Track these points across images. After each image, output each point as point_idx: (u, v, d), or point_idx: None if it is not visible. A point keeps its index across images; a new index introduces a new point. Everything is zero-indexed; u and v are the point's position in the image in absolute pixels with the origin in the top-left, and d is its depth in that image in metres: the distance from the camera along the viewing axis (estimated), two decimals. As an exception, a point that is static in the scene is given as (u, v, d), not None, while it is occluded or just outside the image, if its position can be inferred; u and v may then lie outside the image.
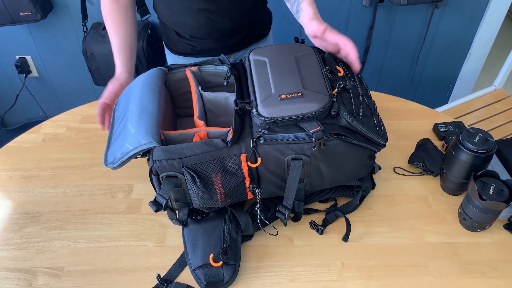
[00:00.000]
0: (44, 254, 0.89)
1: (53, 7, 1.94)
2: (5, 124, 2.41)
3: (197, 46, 1.19)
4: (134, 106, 0.86)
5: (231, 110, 0.98)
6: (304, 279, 0.85)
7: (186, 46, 1.20)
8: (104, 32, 1.88)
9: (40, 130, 1.18)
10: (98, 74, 1.93)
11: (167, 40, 1.25)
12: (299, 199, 0.90)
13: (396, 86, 2.30)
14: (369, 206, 0.98)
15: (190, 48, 1.20)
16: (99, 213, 0.97)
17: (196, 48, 1.19)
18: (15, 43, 2.07)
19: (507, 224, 0.94)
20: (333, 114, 0.81)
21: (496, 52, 2.58)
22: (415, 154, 1.07)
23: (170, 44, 1.24)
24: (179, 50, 1.22)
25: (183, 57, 1.23)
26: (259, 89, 0.85)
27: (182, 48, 1.21)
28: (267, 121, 0.80)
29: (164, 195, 0.79)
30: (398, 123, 1.18)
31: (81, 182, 1.04)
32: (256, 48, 0.97)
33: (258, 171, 0.83)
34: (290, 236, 0.92)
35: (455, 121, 1.17)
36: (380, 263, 0.87)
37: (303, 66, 0.89)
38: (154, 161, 0.79)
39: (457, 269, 0.86)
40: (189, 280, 0.84)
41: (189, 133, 0.84)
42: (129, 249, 0.90)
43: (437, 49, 2.14)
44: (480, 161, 0.90)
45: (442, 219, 0.95)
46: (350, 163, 0.87)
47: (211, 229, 0.88)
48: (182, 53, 1.22)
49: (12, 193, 1.02)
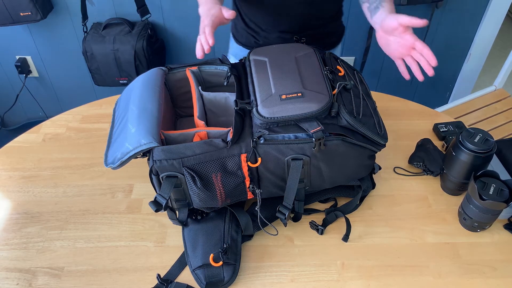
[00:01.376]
0: (44, 254, 0.89)
1: (53, 7, 1.94)
2: (5, 124, 2.41)
3: (260, 40, 1.20)
4: (134, 106, 0.86)
5: (231, 110, 0.98)
6: (304, 279, 0.85)
7: (250, 38, 1.21)
8: (104, 32, 1.88)
9: (40, 130, 1.18)
10: (98, 74, 1.93)
11: (234, 29, 1.27)
12: (299, 199, 0.90)
13: (396, 86, 2.29)
14: (369, 206, 0.98)
15: (254, 41, 1.21)
16: (99, 213, 0.97)
17: (258, 42, 1.20)
18: (15, 43, 2.07)
19: (507, 224, 0.94)
20: (333, 114, 0.81)
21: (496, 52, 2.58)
22: (415, 154, 1.07)
23: (236, 34, 1.26)
24: (243, 41, 1.24)
25: (245, 48, 1.25)
26: (259, 89, 0.85)
27: (246, 40, 1.23)
28: (267, 121, 0.80)
29: (164, 195, 0.79)
30: (398, 123, 1.18)
31: (81, 182, 1.04)
32: (256, 48, 0.97)
33: (258, 171, 0.83)
34: (290, 236, 0.92)
35: (455, 121, 1.17)
36: (380, 263, 0.87)
37: (303, 66, 0.89)
38: (154, 161, 0.79)
39: (457, 269, 0.86)
40: (189, 280, 0.84)
41: (189, 133, 0.84)
42: (129, 249, 0.90)
43: (437, 49, 2.14)
44: (480, 161, 0.90)
45: (442, 219, 0.95)
46: (350, 163, 0.87)
47: (211, 229, 0.88)
48: (245, 44, 1.24)
49: (12, 193, 1.02)
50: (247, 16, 1.18)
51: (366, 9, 1.00)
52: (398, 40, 0.90)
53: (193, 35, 2.06)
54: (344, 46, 2.10)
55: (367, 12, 1.00)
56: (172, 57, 2.14)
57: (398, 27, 0.87)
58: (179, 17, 1.99)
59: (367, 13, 1.00)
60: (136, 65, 1.87)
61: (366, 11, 1.01)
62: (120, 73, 1.90)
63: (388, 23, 0.89)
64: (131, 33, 1.86)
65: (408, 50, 0.90)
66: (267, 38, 1.19)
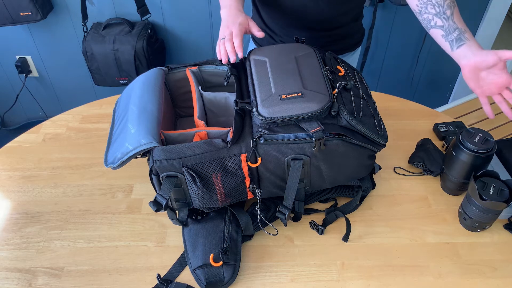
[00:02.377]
0: (44, 254, 0.89)
1: (53, 7, 1.94)
2: (5, 124, 2.41)
3: (278, 41, 1.20)
4: (134, 106, 0.86)
5: (231, 110, 0.98)
6: (304, 279, 0.85)
7: (269, 39, 1.21)
8: (104, 32, 1.88)
9: (40, 130, 1.18)
10: (98, 74, 1.93)
11: None
12: (299, 199, 0.90)
13: (396, 86, 2.29)
14: (369, 206, 0.98)
15: (272, 42, 1.21)
16: (99, 213, 0.97)
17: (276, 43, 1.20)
18: (15, 43, 2.07)
19: (507, 224, 0.94)
20: (333, 114, 0.81)
21: (496, 52, 2.58)
22: (415, 154, 1.07)
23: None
24: (261, 42, 1.24)
25: None
26: (259, 89, 0.85)
27: (264, 41, 1.23)
28: (267, 121, 0.80)
29: (164, 195, 0.79)
30: (398, 123, 1.18)
31: (81, 182, 1.04)
32: (256, 48, 0.97)
33: (258, 171, 0.83)
34: (290, 236, 0.92)
35: (455, 121, 1.17)
36: (380, 263, 0.87)
37: (303, 66, 0.89)
38: (154, 161, 0.79)
39: (457, 269, 0.86)
40: (189, 280, 0.84)
41: (189, 133, 0.84)
42: (129, 249, 0.90)
43: (437, 49, 2.14)
44: (480, 161, 0.90)
45: (442, 219, 0.95)
46: (350, 163, 0.87)
47: (211, 229, 0.88)
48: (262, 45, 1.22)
49: (12, 193, 1.02)
50: (266, 18, 1.18)
51: (441, 38, 0.91)
52: (492, 77, 0.87)
53: (193, 35, 2.06)
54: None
55: (444, 42, 0.91)
56: (172, 57, 2.14)
57: (498, 62, 0.84)
58: (179, 17, 1.99)
59: (443, 44, 0.92)
60: (136, 65, 1.87)
61: (441, 41, 0.92)
62: (120, 73, 1.90)
63: (488, 59, 0.84)
64: (131, 33, 1.86)
65: (500, 89, 0.88)
66: (284, 40, 1.18)
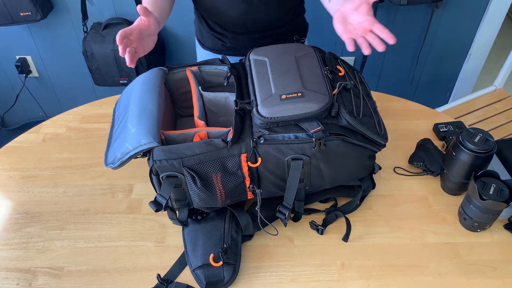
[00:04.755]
0: (44, 254, 0.89)
1: (53, 7, 1.94)
2: (5, 124, 2.41)
3: (228, 43, 1.20)
4: (134, 106, 0.86)
5: (231, 110, 0.98)
6: (304, 279, 0.85)
7: (217, 42, 1.22)
8: (104, 32, 1.88)
9: (40, 130, 1.18)
10: (98, 74, 1.93)
11: (199, 34, 1.27)
12: (299, 199, 0.90)
13: (396, 86, 2.30)
14: (369, 206, 0.98)
15: (221, 44, 1.21)
16: (99, 213, 0.97)
17: (226, 45, 1.21)
18: (15, 43, 2.07)
19: (507, 224, 0.94)
20: (333, 114, 0.81)
21: (496, 52, 2.58)
22: (415, 154, 1.07)
23: (202, 39, 1.27)
24: (210, 45, 1.24)
25: (213, 53, 1.25)
26: (259, 89, 0.85)
27: (212, 44, 1.23)
28: (267, 121, 0.80)
29: (164, 195, 0.79)
30: (398, 123, 1.18)
31: (81, 182, 1.04)
32: (256, 48, 0.97)
33: (258, 171, 0.83)
34: (290, 236, 0.92)
35: (455, 121, 1.17)
36: (380, 263, 0.87)
37: (303, 66, 0.89)
38: (154, 161, 0.79)
39: (457, 269, 0.86)
40: (189, 280, 0.84)
41: (189, 133, 0.84)
42: (129, 249, 0.90)
43: (437, 49, 2.14)
44: (480, 161, 0.90)
45: (442, 219, 0.95)
46: (350, 163, 0.87)
47: (211, 229, 0.88)
48: (212, 48, 1.25)
49: (12, 193, 1.02)
50: (210, 20, 1.19)
51: None
52: (358, 20, 0.87)
53: (193, 35, 2.05)
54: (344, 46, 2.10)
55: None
56: (172, 57, 2.14)
57: (363, 3, 0.85)
58: (179, 17, 1.98)
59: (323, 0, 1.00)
60: (136, 65, 1.87)
61: None
62: (120, 73, 1.90)
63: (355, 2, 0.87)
64: (131, 33, 1.86)
65: (364, 32, 0.87)
66: (235, 40, 1.19)
